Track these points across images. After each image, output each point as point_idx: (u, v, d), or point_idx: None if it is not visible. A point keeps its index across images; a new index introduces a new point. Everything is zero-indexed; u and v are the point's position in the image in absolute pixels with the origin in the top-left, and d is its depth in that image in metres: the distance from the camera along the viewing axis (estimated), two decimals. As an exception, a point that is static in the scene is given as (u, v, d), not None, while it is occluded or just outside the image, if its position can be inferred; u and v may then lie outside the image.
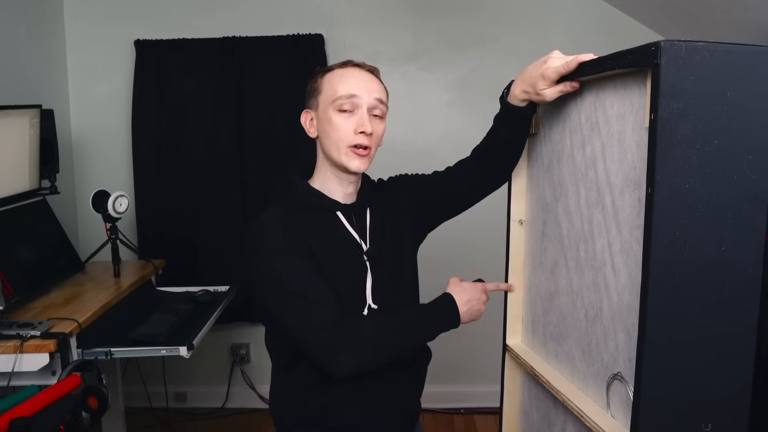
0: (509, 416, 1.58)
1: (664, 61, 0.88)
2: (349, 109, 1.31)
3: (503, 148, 1.39)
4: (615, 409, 1.10)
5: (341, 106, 1.31)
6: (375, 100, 1.33)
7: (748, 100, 0.90)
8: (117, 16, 3.13)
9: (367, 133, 1.31)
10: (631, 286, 1.03)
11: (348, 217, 1.38)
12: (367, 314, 1.34)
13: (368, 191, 1.44)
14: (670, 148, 0.89)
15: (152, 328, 2.15)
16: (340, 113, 1.32)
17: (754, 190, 0.92)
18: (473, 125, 3.12)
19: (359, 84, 1.33)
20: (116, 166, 3.21)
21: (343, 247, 1.36)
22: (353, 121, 1.31)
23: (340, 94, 1.31)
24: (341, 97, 1.31)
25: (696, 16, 2.58)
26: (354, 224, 1.38)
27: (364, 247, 1.37)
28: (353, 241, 1.37)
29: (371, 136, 1.32)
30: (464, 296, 1.35)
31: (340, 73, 1.35)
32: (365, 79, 1.35)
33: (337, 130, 1.31)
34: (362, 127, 1.30)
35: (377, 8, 3.11)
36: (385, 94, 1.39)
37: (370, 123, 1.31)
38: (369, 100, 1.32)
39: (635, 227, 1.02)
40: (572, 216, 1.24)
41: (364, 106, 1.32)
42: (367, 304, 1.35)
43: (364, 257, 1.37)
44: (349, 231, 1.37)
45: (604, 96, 1.11)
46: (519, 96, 1.27)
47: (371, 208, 1.42)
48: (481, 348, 3.05)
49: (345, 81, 1.33)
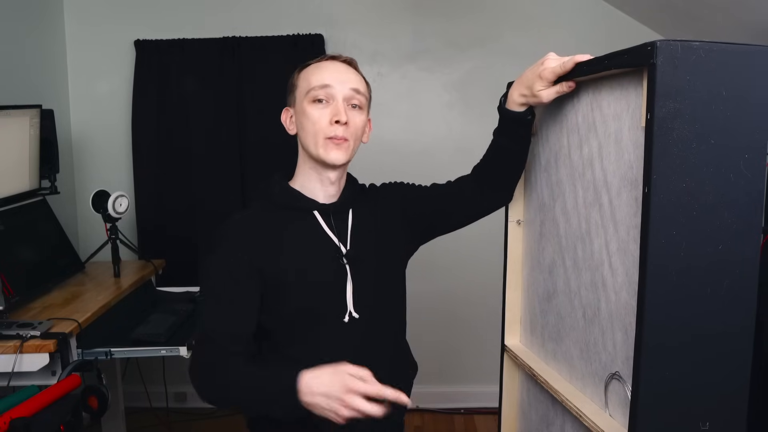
0: (508, 416, 1.58)
1: (660, 60, 0.88)
2: (324, 99, 1.27)
3: (504, 161, 1.36)
4: (613, 408, 1.10)
5: (315, 96, 1.27)
6: (350, 90, 1.29)
7: (745, 99, 0.91)
8: (117, 16, 3.13)
9: (342, 122, 1.26)
10: (629, 285, 1.03)
11: (326, 218, 1.33)
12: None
13: (352, 193, 1.39)
14: (667, 148, 0.89)
15: (152, 328, 2.15)
16: (315, 104, 1.28)
17: (751, 189, 0.92)
18: (473, 125, 3.14)
19: (333, 74, 1.29)
20: (116, 166, 3.21)
21: (319, 249, 1.31)
22: (328, 112, 1.27)
23: (314, 84, 1.28)
24: (314, 87, 1.28)
25: (696, 16, 2.58)
26: (332, 225, 1.33)
27: (342, 249, 1.31)
28: (331, 242, 1.31)
29: (348, 127, 1.27)
30: (321, 388, 1.08)
31: (315, 65, 1.32)
32: (339, 70, 1.31)
33: (313, 122, 1.27)
34: (337, 116, 1.26)
35: (377, 8, 3.11)
36: (364, 84, 1.33)
37: (346, 113, 1.27)
38: (343, 90, 1.28)
39: (632, 227, 1.02)
40: (570, 216, 1.24)
41: (339, 96, 1.28)
42: (348, 310, 1.29)
43: (343, 260, 1.31)
44: (327, 232, 1.32)
45: (601, 96, 1.11)
46: (517, 100, 1.26)
47: (354, 210, 1.36)
48: (481, 348, 3.06)
49: (319, 72, 1.30)
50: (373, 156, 3.07)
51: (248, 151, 3.12)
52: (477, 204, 1.42)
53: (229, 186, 3.13)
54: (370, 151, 3.20)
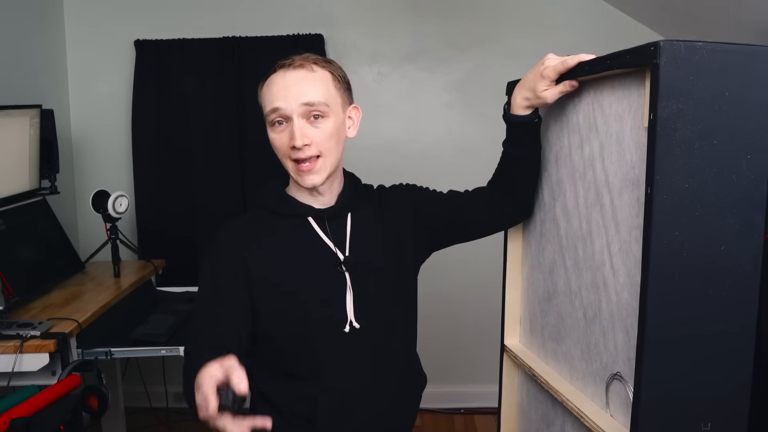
0: (507, 417, 1.58)
1: (664, 61, 0.88)
2: (281, 121, 1.20)
3: (517, 170, 1.32)
4: (614, 408, 1.10)
5: (272, 120, 1.21)
6: (302, 106, 1.18)
7: (747, 99, 0.91)
8: (117, 16, 3.13)
9: (298, 146, 1.17)
10: (630, 285, 1.03)
11: (321, 224, 1.27)
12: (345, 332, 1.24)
13: (352, 195, 1.31)
14: (670, 148, 0.89)
15: (152, 328, 2.15)
16: (274, 127, 1.21)
17: (753, 190, 0.92)
18: (473, 125, 3.14)
19: (281, 91, 1.19)
20: (116, 166, 3.21)
21: (315, 257, 1.25)
22: (286, 134, 1.20)
23: (267, 109, 1.21)
24: (268, 113, 1.21)
25: (696, 16, 2.58)
26: (327, 231, 1.27)
27: (340, 256, 1.26)
28: (328, 250, 1.26)
29: (311, 146, 1.19)
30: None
31: (268, 82, 1.23)
32: (288, 84, 1.19)
33: (277, 147, 1.22)
34: (292, 141, 1.18)
35: (377, 8, 3.11)
36: (323, 86, 1.21)
37: (302, 132, 1.17)
38: (295, 107, 1.18)
39: (634, 227, 1.02)
40: (570, 216, 1.24)
41: (293, 115, 1.18)
42: (349, 320, 1.24)
43: (342, 268, 1.25)
44: (323, 239, 1.26)
45: (602, 96, 1.11)
46: (521, 104, 1.25)
47: (354, 214, 1.30)
48: (481, 348, 3.05)
49: (270, 92, 1.21)
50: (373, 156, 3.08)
51: (248, 151, 3.12)
52: (494, 217, 1.37)
53: (229, 186, 3.12)
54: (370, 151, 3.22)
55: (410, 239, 1.33)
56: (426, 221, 1.35)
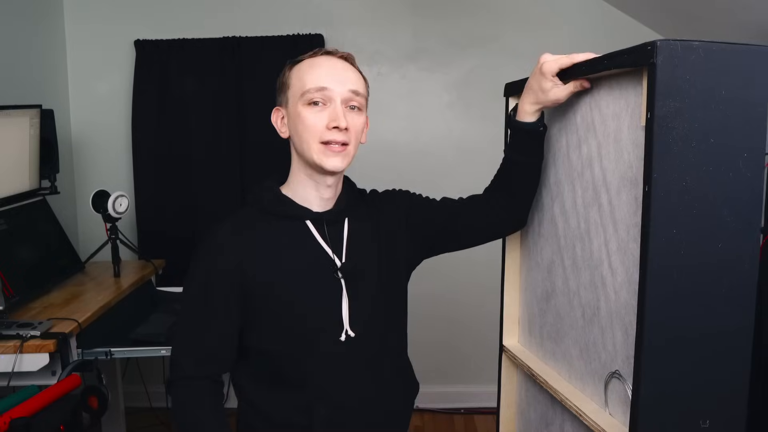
0: (506, 417, 1.58)
1: (660, 60, 0.88)
2: (320, 101, 1.17)
3: (518, 177, 1.30)
4: (613, 407, 1.10)
5: (311, 99, 1.17)
6: (349, 92, 1.18)
7: (744, 98, 0.91)
8: (117, 16, 3.13)
9: (341, 128, 1.16)
10: (629, 284, 1.03)
11: (319, 228, 1.23)
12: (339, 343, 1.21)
13: (349, 199, 1.29)
14: (667, 147, 0.90)
15: (152, 328, 2.15)
16: (310, 107, 1.17)
17: (751, 188, 0.92)
18: (473, 125, 3.14)
19: (330, 74, 1.18)
20: (116, 166, 3.21)
21: (312, 262, 1.21)
22: (325, 115, 1.17)
23: (309, 86, 1.17)
24: (310, 89, 1.17)
25: (696, 16, 2.58)
26: (326, 235, 1.23)
27: (337, 262, 1.23)
28: (325, 255, 1.22)
29: (347, 132, 1.18)
30: None
31: (309, 63, 1.21)
32: (338, 68, 1.20)
33: (308, 126, 1.17)
34: (335, 121, 1.16)
35: (377, 8, 3.12)
36: (363, 83, 1.24)
37: (345, 116, 1.17)
38: (342, 91, 1.18)
39: (632, 226, 1.02)
40: (568, 215, 1.24)
41: (338, 99, 1.17)
42: (344, 329, 1.21)
43: (338, 274, 1.22)
44: (320, 243, 1.23)
45: (600, 96, 1.11)
46: (529, 109, 1.22)
47: (351, 219, 1.27)
48: (481, 348, 3.05)
49: (314, 71, 1.19)
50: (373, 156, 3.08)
51: (248, 151, 3.12)
52: (489, 225, 1.35)
53: (228, 185, 3.13)
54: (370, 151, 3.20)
55: (403, 246, 1.31)
56: (419, 228, 1.32)
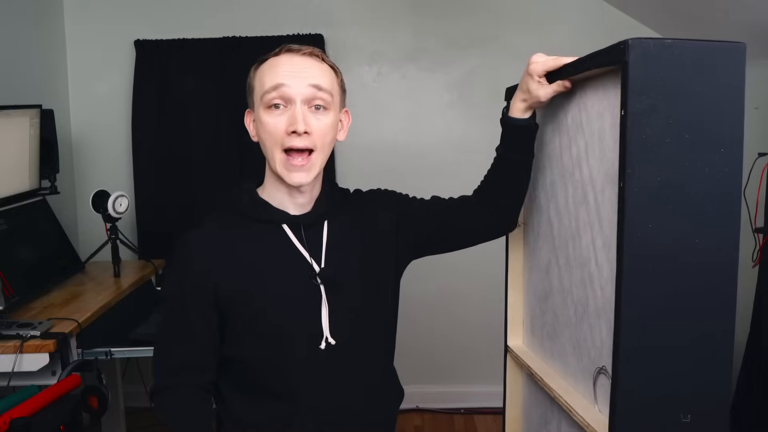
0: (512, 417, 1.58)
1: (632, 58, 0.90)
2: (280, 103, 1.11)
3: (509, 175, 1.28)
4: (602, 403, 1.10)
5: (270, 101, 1.11)
6: (310, 88, 1.11)
7: (718, 94, 0.91)
8: (117, 16, 3.13)
9: (299, 132, 1.09)
10: (613, 280, 1.03)
11: (297, 231, 1.19)
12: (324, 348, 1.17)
13: (328, 201, 1.23)
14: (641, 143, 0.91)
15: (152, 328, 2.15)
16: (271, 110, 1.11)
17: (727, 182, 0.93)
18: (473, 125, 3.14)
19: (289, 71, 1.11)
20: (116, 166, 3.21)
21: (289, 268, 1.17)
22: (284, 119, 1.10)
23: (267, 86, 1.11)
24: (268, 90, 1.10)
25: (696, 16, 2.58)
26: (303, 240, 1.19)
27: (316, 267, 1.18)
28: (303, 260, 1.18)
29: (309, 136, 1.11)
30: None
31: (270, 62, 1.14)
32: (296, 64, 1.12)
33: (269, 132, 1.11)
34: (293, 125, 1.09)
35: (377, 8, 3.11)
36: (330, 77, 1.15)
37: (304, 118, 1.09)
38: (301, 89, 1.10)
39: (615, 222, 1.02)
40: (562, 215, 1.26)
41: (297, 99, 1.10)
42: (324, 336, 1.16)
43: (317, 280, 1.17)
44: (298, 248, 1.18)
45: (586, 96, 1.13)
46: (519, 107, 1.23)
47: (330, 222, 1.22)
48: (481, 348, 3.05)
49: (273, 70, 1.12)
50: (373, 156, 3.08)
51: (248, 151, 3.11)
52: (479, 226, 1.33)
53: (228, 186, 3.11)
54: (370, 151, 3.22)
55: (392, 247, 1.27)
56: (409, 228, 1.28)
